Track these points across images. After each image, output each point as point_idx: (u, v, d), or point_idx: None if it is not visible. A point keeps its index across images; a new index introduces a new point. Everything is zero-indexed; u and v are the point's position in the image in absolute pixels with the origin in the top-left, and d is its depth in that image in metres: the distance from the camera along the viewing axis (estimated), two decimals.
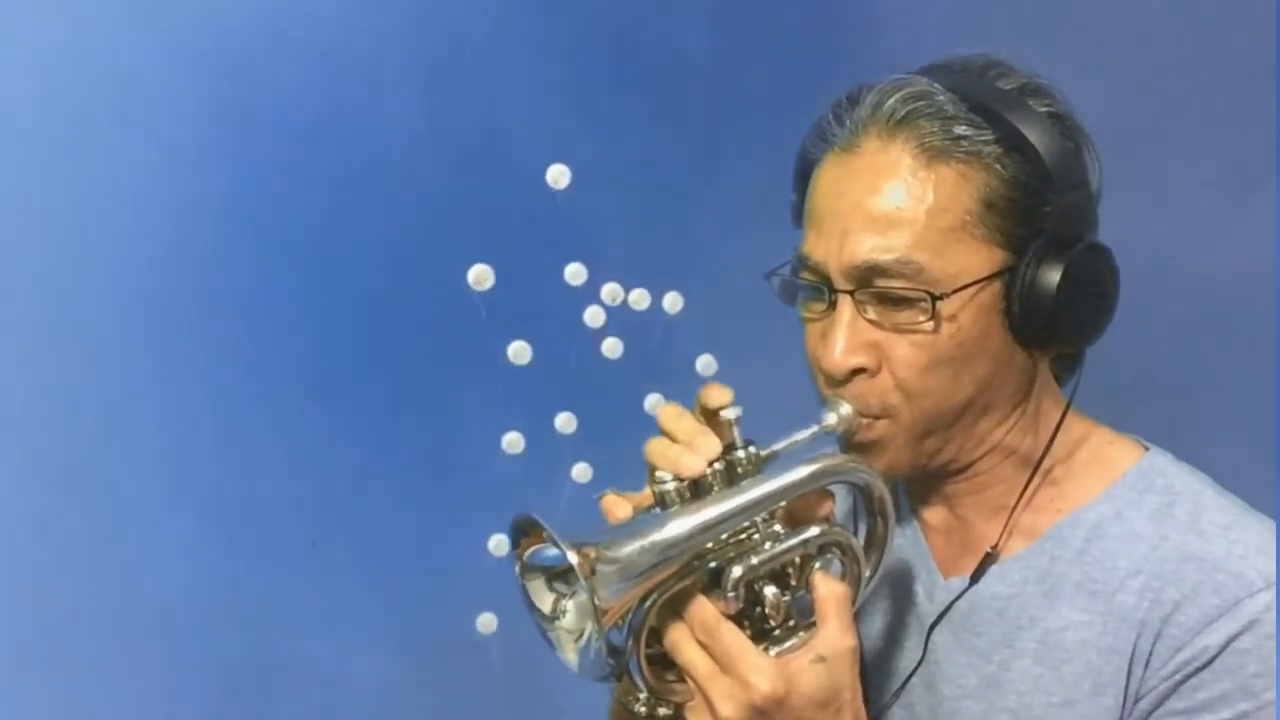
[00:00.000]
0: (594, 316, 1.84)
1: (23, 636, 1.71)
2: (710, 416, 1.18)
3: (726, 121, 1.84)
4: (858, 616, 1.37)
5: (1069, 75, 1.28)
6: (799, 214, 1.32)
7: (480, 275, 1.78)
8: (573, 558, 1.05)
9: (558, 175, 1.80)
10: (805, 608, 1.18)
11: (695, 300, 1.86)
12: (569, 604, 1.12)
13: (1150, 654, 1.21)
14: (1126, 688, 1.22)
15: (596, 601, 1.05)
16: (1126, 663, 1.22)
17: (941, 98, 1.23)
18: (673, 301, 1.86)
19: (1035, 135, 1.22)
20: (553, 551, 1.09)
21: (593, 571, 1.05)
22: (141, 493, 1.73)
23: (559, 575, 1.12)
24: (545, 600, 1.13)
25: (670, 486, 1.14)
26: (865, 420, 1.24)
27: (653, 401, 1.78)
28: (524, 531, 1.12)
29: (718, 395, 1.18)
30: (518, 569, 1.13)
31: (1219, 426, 1.73)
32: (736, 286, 1.55)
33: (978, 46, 1.30)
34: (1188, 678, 1.18)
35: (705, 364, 1.86)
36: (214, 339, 1.74)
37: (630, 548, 1.08)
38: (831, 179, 1.26)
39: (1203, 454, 1.33)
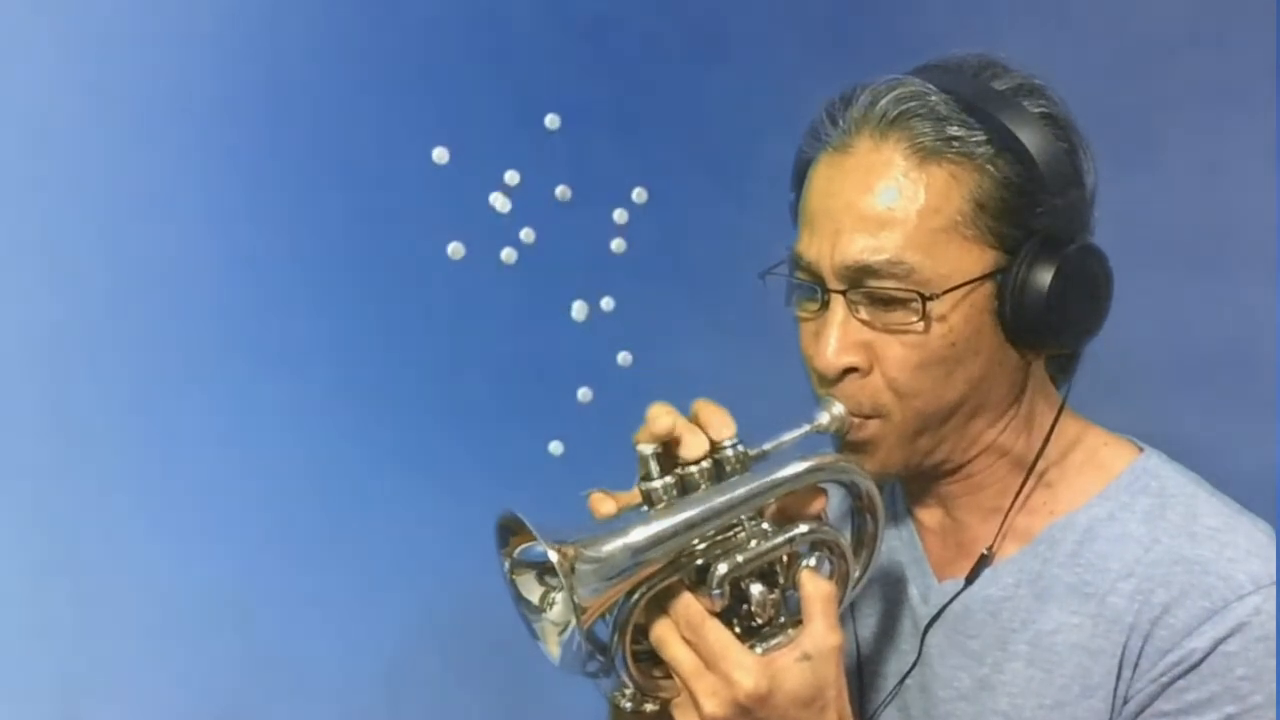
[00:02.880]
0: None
1: (25, 634, 1.73)
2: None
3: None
4: (850, 616, 1.38)
5: (1068, 71, 1.27)
6: (796, 213, 1.32)
7: (455, 249, 1.79)
8: (553, 555, 1.06)
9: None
10: (794, 606, 1.18)
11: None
12: (556, 596, 1.13)
13: (1139, 656, 1.20)
14: (1115, 690, 1.22)
15: (575, 599, 1.06)
16: (1116, 665, 1.22)
17: (934, 98, 1.23)
18: None
19: (1028, 136, 1.22)
20: (539, 548, 1.10)
21: (572, 569, 1.06)
22: (145, 492, 1.76)
23: (548, 569, 1.13)
24: (534, 592, 1.14)
25: (657, 485, 1.14)
26: (857, 420, 1.25)
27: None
28: (512, 530, 1.13)
29: (714, 417, 1.18)
30: (507, 565, 1.14)
31: (1218, 426, 1.72)
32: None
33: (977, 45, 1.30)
34: (1175, 680, 1.18)
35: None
36: (209, 342, 1.77)
37: (610, 546, 1.09)
38: (825, 178, 1.26)
39: (1202, 454, 1.32)
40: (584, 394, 1.90)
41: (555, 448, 1.86)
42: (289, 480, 1.80)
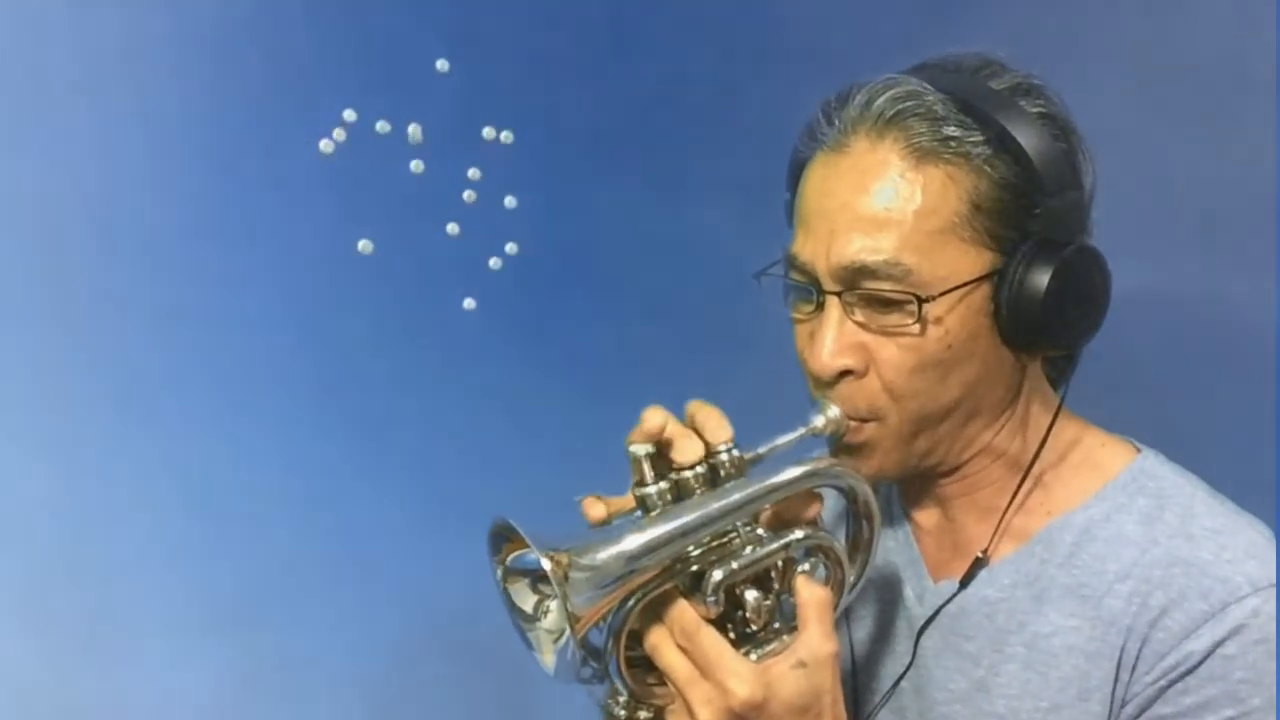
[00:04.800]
0: None
1: (26, 632, 1.73)
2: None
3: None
4: (845, 618, 1.37)
5: (1066, 71, 1.26)
6: (791, 213, 1.31)
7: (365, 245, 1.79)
8: (546, 564, 1.05)
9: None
10: (789, 612, 1.17)
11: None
12: (550, 604, 1.13)
13: (1137, 659, 1.20)
14: (1113, 693, 1.21)
15: (569, 608, 1.05)
16: (1114, 668, 1.21)
17: (931, 98, 1.21)
18: None
19: (1025, 137, 1.20)
20: (532, 556, 1.09)
21: (565, 578, 1.06)
22: (145, 491, 1.75)
23: (541, 577, 1.12)
24: (528, 601, 1.14)
25: (652, 490, 1.14)
26: (853, 423, 1.24)
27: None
28: (505, 537, 1.12)
29: (712, 420, 1.17)
30: (500, 573, 1.14)
31: (1217, 426, 1.70)
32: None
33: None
34: (1173, 683, 1.18)
35: None
36: (207, 345, 1.76)
37: (604, 554, 1.08)
38: (820, 178, 1.25)
39: (1200, 454, 1.31)
40: None
41: (468, 303, 1.85)
42: (288, 480, 1.80)
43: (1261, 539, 1.22)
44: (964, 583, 1.29)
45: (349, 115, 1.77)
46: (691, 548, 1.14)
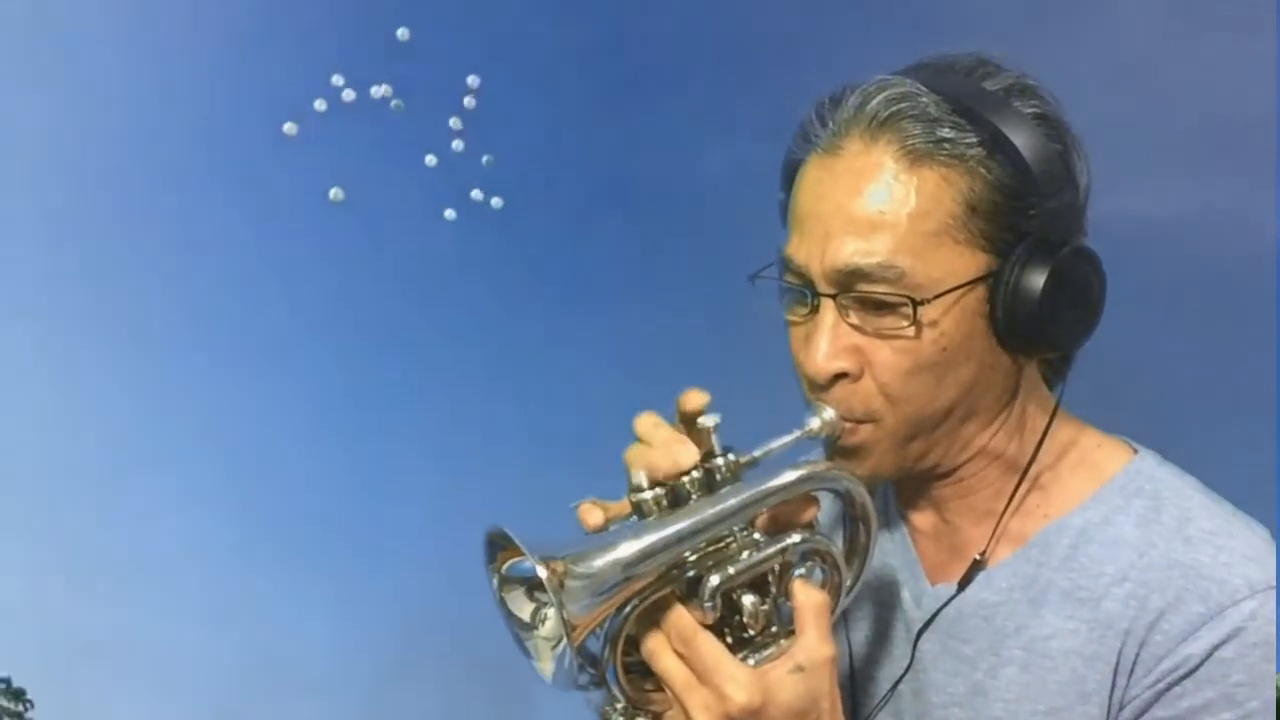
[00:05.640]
0: None
1: (26, 629, 1.73)
2: (689, 425, 1.17)
3: None
4: (843, 621, 1.37)
5: (1066, 68, 1.25)
6: (786, 214, 1.30)
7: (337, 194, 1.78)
8: (542, 572, 1.04)
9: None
10: (787, 616, 1.17)
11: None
12: (548, 611, 1.12)
13: (1135, 662, 1.20)
14: (1111, 695, 1.21)
15: (566, 616, 1.05)
16: (1111, 671, 1.21)
17: (925, 99, 1.21)
18: None
19: (1020, 138, 1.20)
20: (528, 563, 1.08)
21: (561, 586, 1.05)
22: (146, 491, 1.75)
23: (537, 585, 1.12)
24: (525, 609, 1.13)
25: (648, 496, 1.13)
26: (849, 425, 1.23)
27: None
28: (500, 545, 1.11)
29: (695, 399, 1.17)
30: (496, 581, 1.13)
31: (1218, 426, 1.70)
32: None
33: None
34: (1171, 686, 1.18)
35: None
36: (208, 341, 1.76)
37: (600, 562, 1.08)
38: (814, 180, 1.24)
39: (1200, 454, 1.31)
40: None
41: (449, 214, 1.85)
42: (289, 480, 1.79)
43: (1259, 541, 1.22)
44: (961, 586, 1.29)
45: (336, 80, 1.76)
46: (688, 553, 1.13)
